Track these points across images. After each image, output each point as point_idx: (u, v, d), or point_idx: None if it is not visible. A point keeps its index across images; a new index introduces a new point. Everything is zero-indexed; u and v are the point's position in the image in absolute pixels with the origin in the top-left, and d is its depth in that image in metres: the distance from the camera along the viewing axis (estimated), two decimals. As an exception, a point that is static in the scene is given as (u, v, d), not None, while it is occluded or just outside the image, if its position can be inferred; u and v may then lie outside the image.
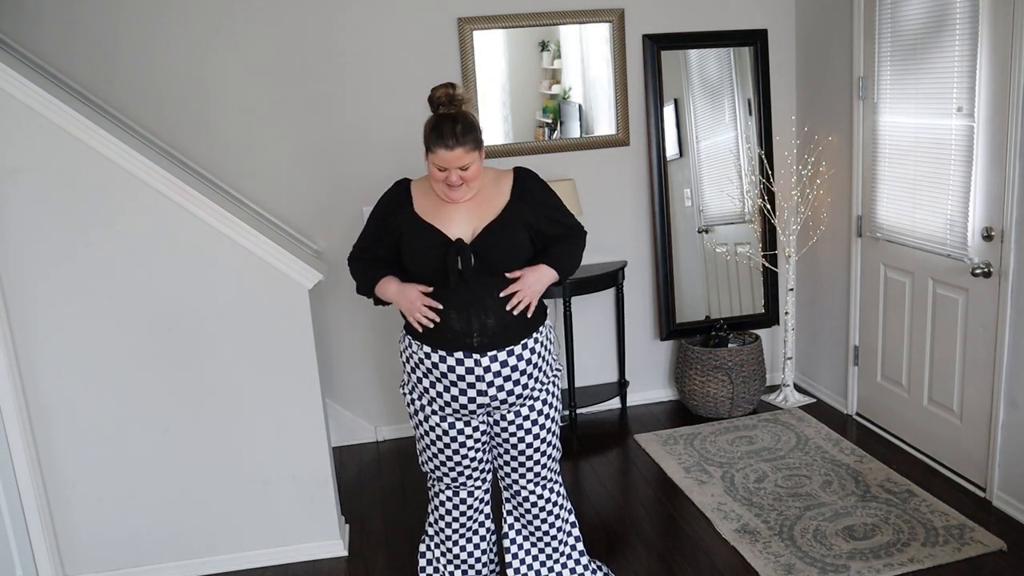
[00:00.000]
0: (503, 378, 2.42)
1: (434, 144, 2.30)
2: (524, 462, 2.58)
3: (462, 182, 2.34)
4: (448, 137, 2.27)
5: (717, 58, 4.34)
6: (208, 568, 3.18)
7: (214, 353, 3.02)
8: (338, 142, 4.00)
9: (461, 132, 2.28)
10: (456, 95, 2.33)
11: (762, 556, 3.02)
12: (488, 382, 2.41)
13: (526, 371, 2.45)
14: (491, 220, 2.39)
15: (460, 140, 2.28)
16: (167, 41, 3.77)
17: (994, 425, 3.24)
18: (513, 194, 2.43)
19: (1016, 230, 3.07)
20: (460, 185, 2.34)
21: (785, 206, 4.35)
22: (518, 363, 2.43)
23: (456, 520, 2.69)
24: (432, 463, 2.61)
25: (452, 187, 2.34)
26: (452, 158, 2.29)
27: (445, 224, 2.39)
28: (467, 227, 2.39)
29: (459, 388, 2.42)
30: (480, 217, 2.40)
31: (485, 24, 4.02)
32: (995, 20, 3.06)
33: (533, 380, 2.49)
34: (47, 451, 2.99)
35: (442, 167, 2.31)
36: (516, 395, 2.47)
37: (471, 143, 2.31)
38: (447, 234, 2.37)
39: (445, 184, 2.34)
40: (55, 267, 2.87)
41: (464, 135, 2.29)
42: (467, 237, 2.38)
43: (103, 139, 2.81)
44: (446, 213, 2.40)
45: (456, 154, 2.28)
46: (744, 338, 4.36)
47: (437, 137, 2.29)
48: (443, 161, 2.29)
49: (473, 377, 2.40)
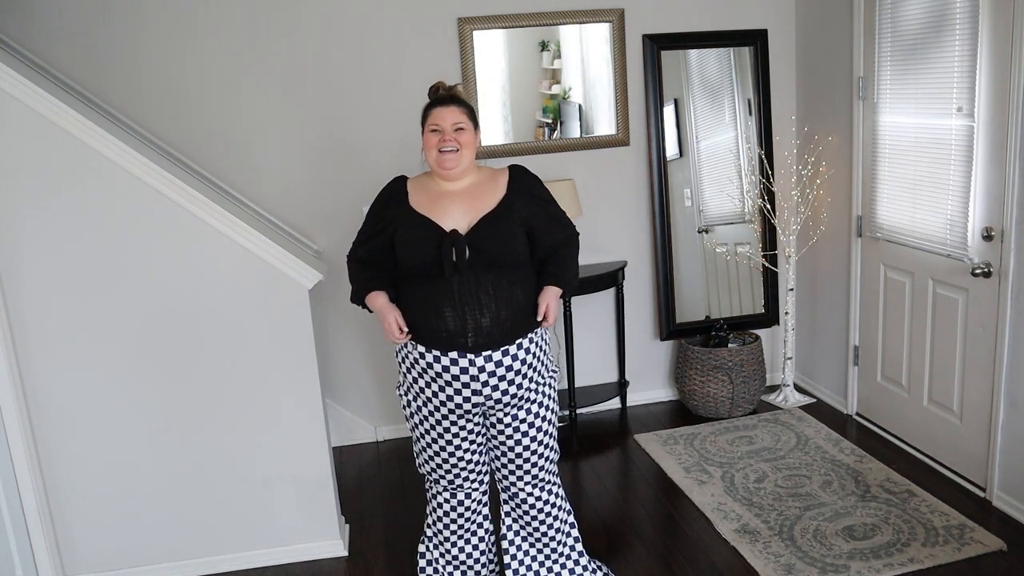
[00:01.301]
0: (498, 378, 2.41)
1: (430, 107, 2.46)
2: (522, 464, 2.58)
3: (457, 146, 2.40)
4: (444, 98, 2.45)
5: (717, 58, 4.34)
6: (208, 568, 3.18)
7: (214, 353, 3.02)
8: (338, 142, 4.00)
9: (456, 95, 2.47)
10: (451, 87, 2.51)
11: (762, 556, 3.02)
12: (483, 382, 2.41)
13: (521, 371, 2.45)
14: (486, 212, 2.41)
15: (454, 100, 2.44)
16: (167, 41, 3.77)
17: (994, 425, 3.24)
18: (509, 188, 2.47)
19: (1016, 230, 3.07)
20: (455, 150, 2.41)
21: (785, 206, 4.35)
22: (513, 363, 2.42)
23: (454, 522, 2.68)
24: (429, 465, 2.61)
25: (446, 150, 2.40)
26: (447, 113, 2.42)
27: (441, 217, 2.41)
28: (462, 220, 2.41)
29: (454, 388, 2.42)
30: (476, 210, 2.42)
31: (485, 24, 4.02)
32: (995, 20, 3.06)
33: (529, 381, 2.48)
34: (47, 451, 2.99)
35: (436, 126, 2.42)
36: (512, 395, 2.46)
37: (465, 106, 2.46)
38: (442, 226, 2.39)
39: (438, 149, 2.41)
40: (55, 267, 2.87)
41: (458, 97, 2.46)
42: (463, 230, 2.40)
43: (103, 139, 2.81)
44: (442, 206, 2.42)
45: (451, 110, 2.42)
46: (744, 338, 4.36)
47: (434, 101, 2.46)
48: (438, 117, 2.42)
49: (468, 377, 2.40)
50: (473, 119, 2.46)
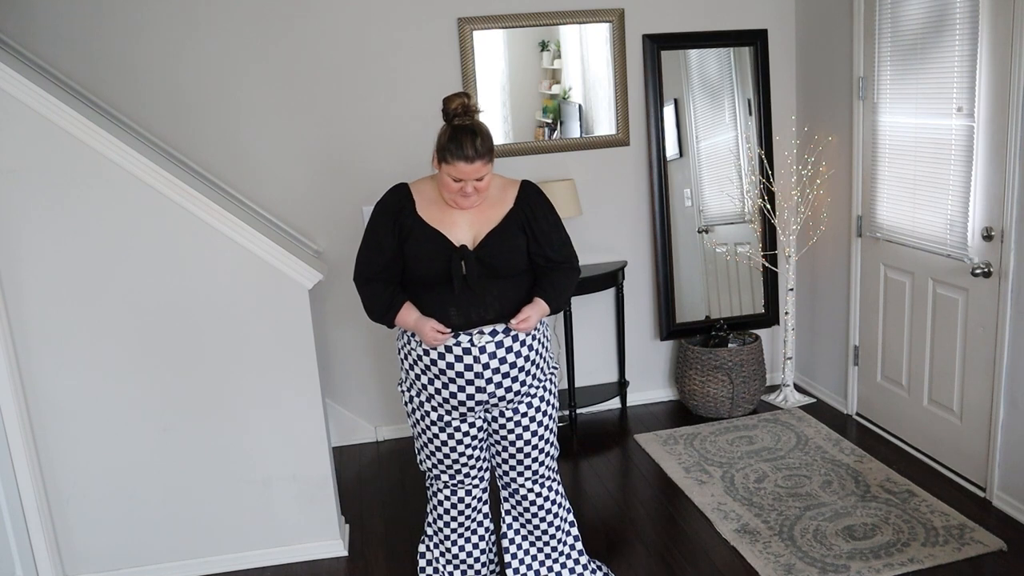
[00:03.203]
0: (501, 374, 2.45)
1: (453, 156, 2.32)
2: (523, 459, 2.60)
3: (475, 192, 2.38)
4: (469, 150, 2.31)
5: (717, 58, 4.34)
6: (208, 568, 3.18)
7: (214, 353, 3.02)
8: (338, 142, 4.00)
9: (481, 145, 2.32)
10: (471, 105, 2.36)
11: (762, 556, 3.02)
12: (487, 379, 2.44)
13: (523, 367, 2.48)
14: (493, 227, 2.44)
15: (480, 153, 2.32)
16: (167, 41, 3.77)
17: (994, 425, 3.24)
18: (516, 202, 2.48)
19: (1016, 230, 3.07)
20: (472, 195, 2.39)
21: (785, 206, 4.35)
22: (513, 345, 2.45)
23: (455, 520, 2.70)
24: (430, 461, 2.63)
25: (466, 196, 2.38)
26: (471, 171, 2.33)
27: (449, 229, 2.43)
28: (469, 232, 2.43)
29: (458, 385, 2.45)
30: (483, 223, 2.44)
31: (485, 24, 4.02)
32: (995, 20, 3.06)
33: (530, 376, 2.51)
34: (47, 451, 2.99)
35: (459, 178, 2.34)
36: (514, 392, 2.49)
37: (489, 156, 2.35)
38: (452, 239, 2.42)
39: (459, 194, 2.38)
40: (54, 267, 2.87)
41: (483, 148, 2.33)
42: (469, 242, 2.42)
43: (103, 139, 2.81)
44: (450, 218, 2.44)
45: (475, 167, 2.33)
46: (744, 338, 4.36)
47: (457, 148, 2.31)
48: (461, 173, 2.33)
49: (472, 374, 2.43)
50: (492, 158, 2.38)
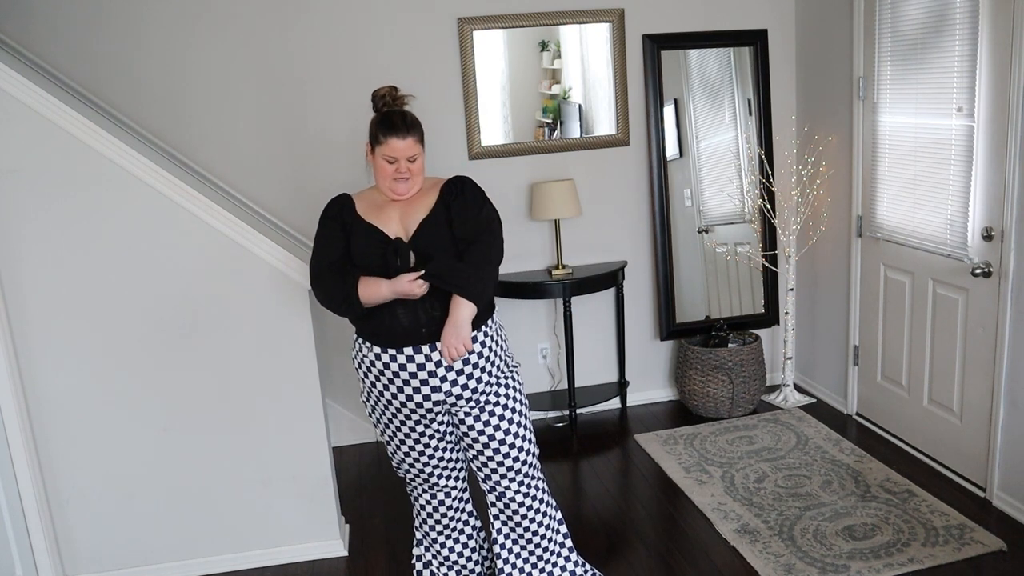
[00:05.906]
0: (456, 372, 2.44)
1: (385, 135, 2.44)
2: (502, 461, 2.57)
3: (409, 174, 2.46)
4: (399, 127, 2.43)
5: (717, 58, 4.34)
6: (208, 568, 3.18)
7: (214, 353, 3.02)
8: (339, 142, 4.00)
9: (411, 122, 2.46)
10: (398, 94, 2.52)
11: (762, 556, 3.02)
12: (441, 377, 2.43)
13: (478, 364, 2.47)
14: (423, 218, 2.48)
15: (411, 130, 2.45)
16: (167, 41, 3.77)
17: (994, 425, 3.24)
18: (442, 191, 2.53)
19: (1016, 230, 3.07)
20: (407, 178, 2.46)
21: (785, 206, 4.35)
22: (468, 356, 2.45)
23: (439, 522, 2.74)
24: (403, 467, 2.66)
25: (399, 179, 2.46)
26: (404, 147, 2.43)
27: (385, 223, 2.49)
28: (402, 226, 2.49)
29: (412, 387, 2.45)
30: (412, 216, 2.49)
31: (485, 24, 4.02)
32: (995, 20, 3.06)
33: (487, 375, 2.50)
34: (47, 451, 2.99)
35: (392, 158, 2.44)
36: (471, 390, 2.48)
37: (419, 134, 2.48)
38: (387, 233, 2.47)
39: (392, 178, 2.46)
40: (54, 267, 2.87)
41: (413, 125, 2.47)
42: (404, 236, 2.48)
43: (103, 139, 2.81)
44: (385, 214, 2.51)
45: (407, 143, 2.43)
46: (744, 338, 4.36)
47: (388, 127, 2.44)
48: (395, 151, 2.43)
49: (425, 373, 2.43)
50: (423, 139, 2.50)
